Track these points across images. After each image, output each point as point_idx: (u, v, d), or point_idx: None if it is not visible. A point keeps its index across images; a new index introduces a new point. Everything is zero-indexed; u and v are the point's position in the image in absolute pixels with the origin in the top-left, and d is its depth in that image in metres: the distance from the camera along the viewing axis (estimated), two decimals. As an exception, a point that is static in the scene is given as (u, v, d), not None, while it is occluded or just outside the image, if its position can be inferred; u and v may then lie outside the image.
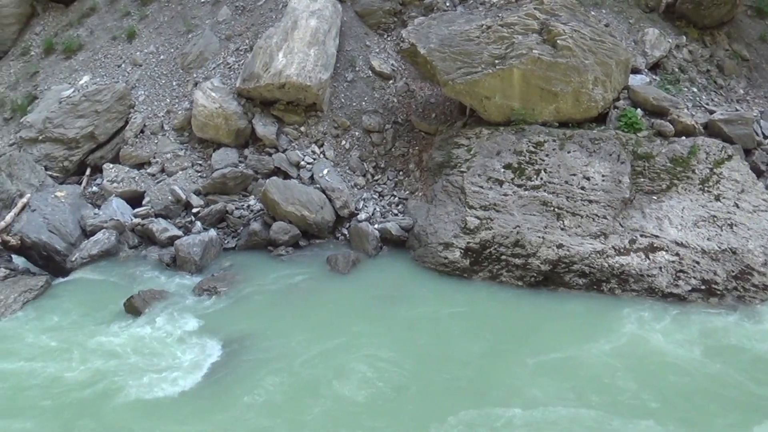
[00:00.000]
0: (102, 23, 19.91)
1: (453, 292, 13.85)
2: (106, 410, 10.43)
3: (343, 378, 11.10)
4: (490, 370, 11.34)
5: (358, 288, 14.05)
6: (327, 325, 12.74)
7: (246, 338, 12.24)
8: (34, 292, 13.71)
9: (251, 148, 16.93)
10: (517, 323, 12.87)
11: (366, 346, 11.99)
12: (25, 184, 15.95)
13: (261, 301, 13.59)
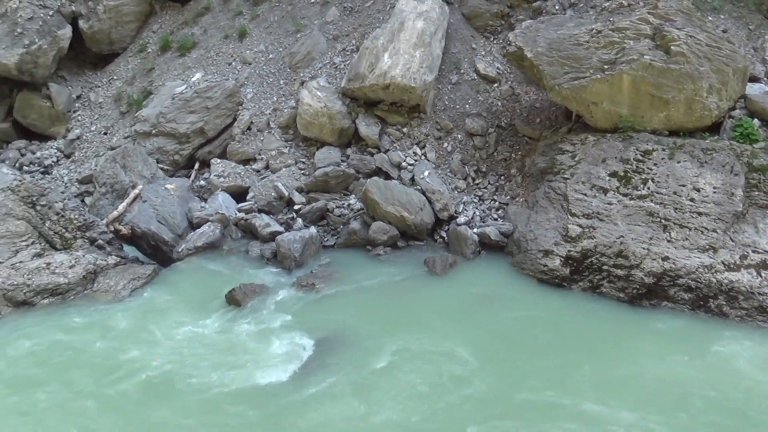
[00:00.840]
0: (215, 22, 20.51)
1: (550, 301, 13.60)
2: (202, 397, 10.76)
3: (426, 376, 11.15)
4: (568, 382, 11.08)
5: (454, 291, 13.98)
6: (420, 325, 12.73)
7: (341, 334, 12.38)
8: (141, 280, 14.24)
9: (354, 148, 17.09)
10: (610, 337, 12.49)
11: (454, 347, 11.98)
12: (138, 175, 16.58)
13: (357, 299, 13.71)
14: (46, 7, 20.02)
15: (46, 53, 19.52)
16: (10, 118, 20.27)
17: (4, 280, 13.20)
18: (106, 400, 10.71)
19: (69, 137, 19.63)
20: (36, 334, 12.34)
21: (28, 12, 19.69)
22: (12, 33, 19.39)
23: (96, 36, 20.79)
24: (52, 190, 15.99)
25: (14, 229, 14.14)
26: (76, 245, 14.63)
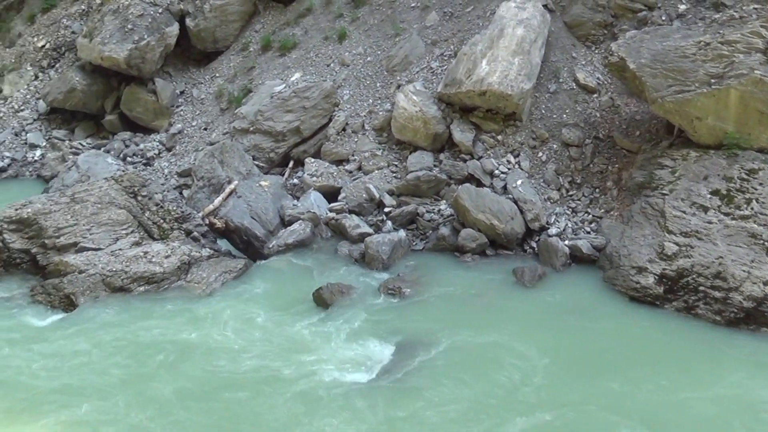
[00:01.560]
0: (316, 23, 20.81)
1: (640, 319, 13.20)
2: (285, 391, 10.91)
3: (508, 387, 11.05)
4: (646, 405, 10.72)
5: (542, 303, 13.75)
6: (506, 335, 12.56)
7: (424, 339, 12.34)
8: (233, 274, 14.54)
9: (447, 153, 17.03)
10: (703, 361, 12.02)
11: (537, 359, 11.79)
12: (234, 171, 16.96)
13: (443, 305, 13.64)
14: (156, 5, 20.76)
15: (154, 49, 20.23)
16: (117, 111, 21.09)
17: (104, 266, 13.70)
18: (190, 389, 10.99)
19: (171, 131, 20.27)
20: (130, 320, 12.76)
21: (138, 9, 20.46)
22: (123, 29, 20.18)
23: (201, 34, 21.41)
24: (153, 181, 16.52)
25: (116, 218, 14.68)
26: (172, 236, 15.06)
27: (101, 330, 12.45)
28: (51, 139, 21.02)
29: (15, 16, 24.11)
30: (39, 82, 22.40)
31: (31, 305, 13.40)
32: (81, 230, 14.34)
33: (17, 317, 13.00)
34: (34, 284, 13.89)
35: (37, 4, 23.88)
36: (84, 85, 20.86)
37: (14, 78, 22.58)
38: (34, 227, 14.20)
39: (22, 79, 22.52)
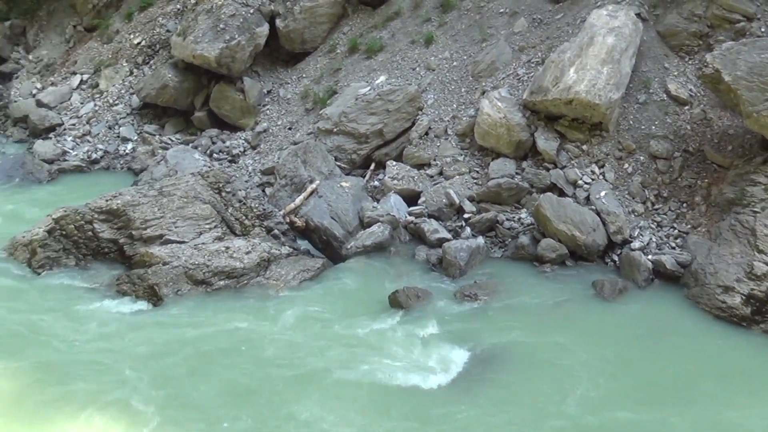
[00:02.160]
0: (404, 27, 20.87)
1: (724, 340, 12.75)
2: (356, 394, 10.98)
3: (585, 404, 10.82)
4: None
5: (621, 318, 13.43)
6: (584, 349, 12.30)
7: (501, 347, 12.24)
8: (311, 273, 14.70)
9: (529, 161, 16.83)
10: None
11: (615, 376, 11.56)
12: (316, 171, 17.15)
13: (520, 314, 13.48)
14: (248, 5, 21.18)
15: (244, 49, 20.65)
16: (205, 108, 21.60)
17: (187, 259, 14.03)
18: (261, 385, 11.15)
19: (257, 129, 20.65)
20: (210, 313, 13.05)
21: (231, 9, 20.92)
22: (215, 28, 20.66)
23: (290, 35, 21.74)
24: (237, 178, 16.85)
25: (200, 212, 15.04)
26: (253, 233, 15.33)
27: (183, 321, 12.76)
28: (142, 133, 21.69)
29: (114, 14, 25.00)
30: (133, 77, 23.13)
31: (116, 294, 13.84)
32: (167, 223, 14.74)
33: (104, 304, 13.44)
34: (120, 273, 14.34)
35: (135, 3, 24.69)
36: (176, 82, 21.44)
37: (110, 73, 23.38)
38: (122, 218, 14.68)
39: (117, 74, 23.30)
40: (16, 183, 19.37)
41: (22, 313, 12.80)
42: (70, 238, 14.60)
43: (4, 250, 14.80)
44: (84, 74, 23.91)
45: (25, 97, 23.72)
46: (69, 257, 14.60)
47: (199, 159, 19.45)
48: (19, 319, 12.59)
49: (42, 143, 21.37)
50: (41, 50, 25.56)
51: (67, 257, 14.60)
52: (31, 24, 26.24)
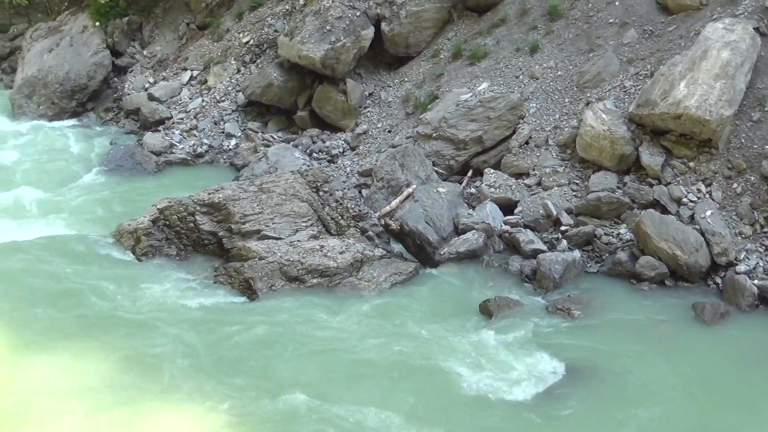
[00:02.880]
0: (509, 34, 20.68)
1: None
2: (443, 400, 10.95)
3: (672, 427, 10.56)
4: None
5: (723, 343, 12.90)
6: (681, 373, 11.90)
7: (593, 363, 11.97)
8: (402, 276, 14.73)
9: (632, 176, 16.39)
10: None
11: (712, 404, 11.18)
12: (413, 175, 17.16)
13: (614, 332, 13.13)
14: (355, 8, 21.42)
15: (348, 51, 20.89)
16: (308, 108, 21.96)
17: (283, 255, 14.29)
18: (354, 382, 11.27)
19: (357, 131, 20.85)
20: (303, 311, 13.26)
21: (338, 11, 21.20)
22: (322, 29, 20.98)
23: (395, 39, 21.86)
24: (335, 178, 17.05)
25: (297, 210, 15.29)
26: (348, 233, 15.48)
27: (277, 315, 13.02)
28: (246, 130, 22.22)
29: (225, 13, 25.73)
30: (240, 75, 23.73)
31: (213, 285, 14.25)
32: (265, 219, 15.06)
33: (201, 294, 13.86)
34: (218, 266, 14.75)
35: (246, 3, 25.35)
36: (281, 81, 21.87)
37: (219, 70, 24.06)
38: (223, 212, 15.07)
39: (225, 71, 23.95)
40: (126, 173, 20.17)
41: (123, 299, 13.31)
42: (173, 229, 15.09)
43: (112, 236, 15.43)
44: (194, 71, 24.71)
45: (138, 90, 24.70)
46: (171, 247, 15.10)
47: (299, 157, 19.79)
48: (119, 305, 13.10)
49: (151, 135, 22.19)
50: (155, 46, 26.56)
51: (169, 246, 15.10)
52: (147, 21, 27.31)
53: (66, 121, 24.08)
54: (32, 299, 13.00)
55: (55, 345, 11.78)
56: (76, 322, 12.42)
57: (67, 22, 27.19)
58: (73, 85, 24.87)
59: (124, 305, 13.05)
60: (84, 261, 14.46)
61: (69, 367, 11.27)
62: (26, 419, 10.14)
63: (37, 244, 15.11)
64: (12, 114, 24.28)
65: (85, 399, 10.53)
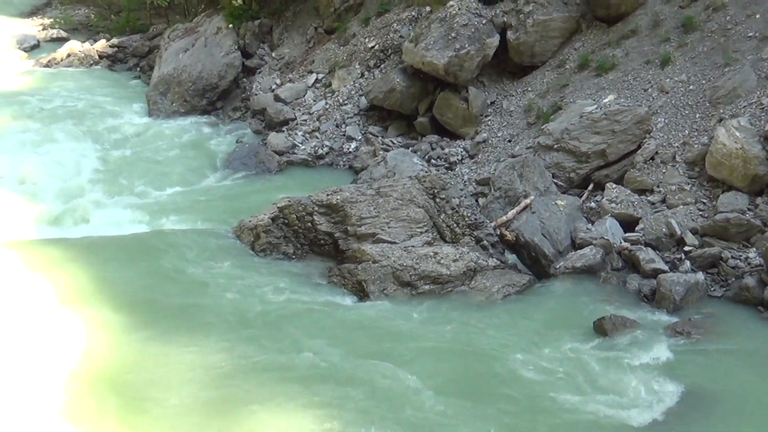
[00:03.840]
0: (639, 46, 20.07)
1: None
2: (550, 416, 10.72)
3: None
4: None
5: None
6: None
7: (712, 391, 11.45)
8: (516, 288, 14.54)
9: (765, 198, 15.58)
10: None
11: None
12: (532, 186, 16.91)
13: (736, 360, 12.49)
14: (481, 15, 21.34)
15: (472, 58, 20.81)
16: (428, 114, 22.02)
17: (396, 260, 14.38)
18: (469, 389, 11.23)
19: (476, 139, 20.75)
20: (414, 316, 13.32)
21: (464, 19, 21.17)
22: (447, 37, 21.00)
23: (520, 47, 21.63)
24: (452, 185, 17.01)
25: (413, 215, 15.34)
26: (463, 241, 15.41)
27: (390, 319, 13.13)
28: (366, 133, 22.50)
29: (352, 18, 26.16)
30: (364, 80, 24.05)
31: (327, 285, 14.50)
32: (381, 223, 15.18)
33: (314, 293, 14.11)
34: (332, 266, 14.99)
35: (373, 8, 25.68)
36: (403, 86, 22.02)
37: (343, 74, 24.48)
38: (340, 213, 15.30)
39: (349, 75, 24.34)
40: (249, 170, 20.80)
41: (239, 293, 13.70)
42: (291, 227, 15.44)
43: (233, 232, 15.94)
44: (319, 74, 25.24)
45: (265, 91, 25.44)
46: (288, 245, 15.45)
47: (418, 163, 19.86)
48: (235, 299, 13.50)
49: (275, 136, 22.80)
50: (284, 48, 27.30)
51: (287, 244, 15.45)
52: (278, 24, 28.10)
53: (196, 118, 25.06)
54: (153, 288, 13.60)
55: (170, 333, 12.22)
56: (192, 313, 12.88)
57: (202, 23, 28.34)
58: (205, 84, 25.87)
59: (239, 299, 13.44)
60: (205, 255, 14.99)
61: (182, 355, 11.67)
62: (142, 407, 10.55)
63: (163, 236, 15.82)
64: (147, 109, 25.48)
65: (194, 391, 10.86)
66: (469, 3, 21.64)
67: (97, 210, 17.93)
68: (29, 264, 13.95)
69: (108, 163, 20.75)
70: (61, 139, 21.89)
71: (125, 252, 14.96)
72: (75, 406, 10.41)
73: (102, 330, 12.09)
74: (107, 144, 22.20)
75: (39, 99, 25.12)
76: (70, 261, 14.20)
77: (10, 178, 19.31)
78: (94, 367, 11.19)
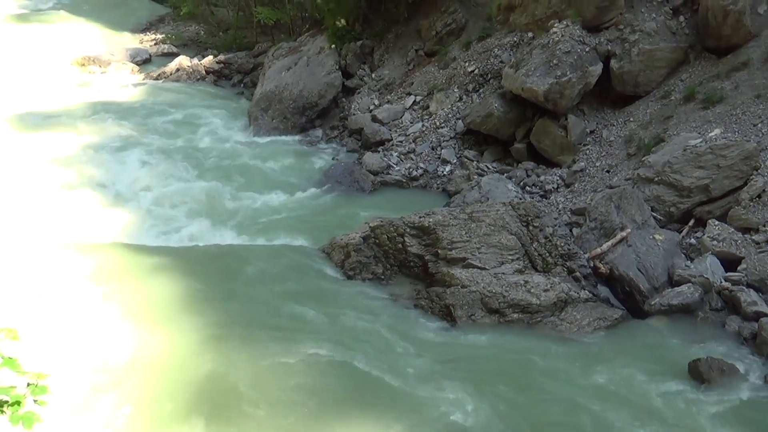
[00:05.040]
0: (750, 79, 19.34)
1: None
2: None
3: None
4: None
5: None
6: None
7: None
8: (607, 322, 14.14)
9: None
10: None
11: None
12: (629, 219, 16.46)
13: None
14: (585, 43, 21.00)
15: (573, 86, 20.49)
16: (525, 140, 21.77)
17: (485, 286, 14.22)
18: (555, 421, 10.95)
19: (573, 168, 20.36)
20: (503, 344, 13.13)
21: (567, 46, 20.88)
22: (548, 63, 20.76)
23: (624, 76, 21.17)
24: (547, 214, 16.76)
25: (505, 242, 15.15)
26: (554, 271, 15.11)
27: (475, 346, 12.99)
28: (461, 157, 22.41)
29: (453, 42, 26.19)
30: (462, 103, 24.01)
31: (413, 307, 14.46)
32: (471, 248, 15.06)
33: (401, 314, 14.11)
34: (420, 289, 14.94)
35: (475, 33, 25.66)
36: (501, 112, 21.87)
37: (441, 97, 24.49)
38: (431, 236, 15.26)
39: (447, 99, 24.34)
40: (343, 189, 21.02)
41: (326, 309, 13.81)
42: (382, 248, 15.49)
43: (323, 250, 16.11)
44: (417, 96, 25.33)
45: (363, 111, 25.71)
46: (377, 265, 15.50)
47: (512, 189, 19.64)
48: (323, 315, 13.60)
49: (371, 155, 22.98)
50: (384, 70, 27.55)
51: (376, 264, 15.50)
52: (379, 45, 28.40)
53: (294, 136, 25.53)
54: (242, 301, 13.87)
55: (259, 346, 12.42)
56: (281, 328, 13.05)
57: (306, 43, 28.92)
58: (305, 103, 26.34)
59: (328, 317, 13.54)
60: (295, 271, 15.21)
61: (271, 368, 11.82)
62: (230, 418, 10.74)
63: (255, 250, 16.14)
64: (248, 125, 26.12)
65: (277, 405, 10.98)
66: (573, 30, 21.34)
67: (193, 220, 18.45)
68: (125, 268, 14.48)
69: (206, 175, 21.35)
70: (164, 150, 22.70)
71: (217, 263, 15.33)
72: (164, 413, 10.67)
73: (192, 340, 12.37)
74: (207, 156, 22.87)
75: (147, 111, 26.15)
76: (167, 269, 14.64)
77: (119, 185, 20.12)
78: (183, 378, 11.44)
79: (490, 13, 25.80)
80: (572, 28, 21.42)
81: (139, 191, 19.91)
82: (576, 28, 21.45)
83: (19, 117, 24.51)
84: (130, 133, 23.77)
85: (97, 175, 20.31)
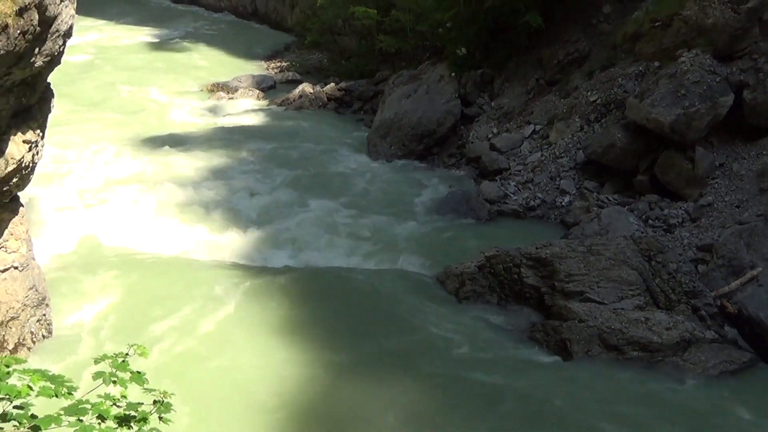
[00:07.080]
0: None
1: None
2: None
3: None
4: None
5: None
6: None
7: None
8: (734, 365, 13.40)
9: None
10: None
11: None
12: (761, 257, 15.64)
13: None
14: (715, 73, 20.20)
15: (702, 117, 19.70)
16: (649, 172, 21.05)
17: (604, 321, 13.78)
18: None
19: (700, 202, 19.52)
20: (622, 384, 12.66)
21: (696, 75, 20.13)
22: (675, 93, 20.07)
23: (757, 108, 20.19)
24: (670, 249, 16.13)
25: (625, 277, 14.66)
26: (678, 309, 14.50)
27: (592, 384, 12.58)
28: (581, 188, 21.90)
29: (575, 71, 25.78)
30: (583, 133, 23.53)
31: (527, 339, 14.17)
32: (590, 281, 14.65)
33: (514, 347, 13.85)
34: (535, 321, 14.63)
35: (598, 62, 25.18)
36: (624, 143, 21.28)
37: (562, 127, 24.10)
38: (548, 268, 14.95)
39: (568, 128, 23.92)
40: (459, 217, 20.92)
41: (442, 340, 13.74)
42: (497, 277, 15.30)
43: (437, 277, 16.06)
44: (537, 125, 25.02)
45: (481, 139, 25.61)
46: (492, 295, 15.31)
47: (633, 223, 19.00)
48: (439, 345, 13.55)
49: (488, 184, 22.79)
50: (503, 98, 27.39)
51: (491, 294, 15.32)
52: (499, 74, 28.29)
53: (412, 163, 25.67)
54: (353, 326, 13.99)
55: (373, 372, 12.50)
56: (397, 354, 13.09)
57: (426, 71, 29.13)
58: (423, 130, 26.47)
59: (441, 346, 13.47)
60: (409, 297, 15.21)
61: (385, 395, 11.85)
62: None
63: (369, 275, 16.25)
64: (367, 151, 26.48)
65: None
66: (703, 59, 20.57)
67: (309, 242, 18.76)
68: (245, 289, 14.90)
69: (324, 199, 21.73)
70: (285, 174, 23.30)
71: (332, 287, 15.55)
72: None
73: (307, 362, 12.56)
74: (326, 181, 23.29)
75: (270, 136, 26.96)
76: (285, 290, 14.98)
77: (240, 206, 20.78)
78: (299, 401, 11.62)
79: (614, 42, 25.24)
80: (702, 57, 20.65)
81: (259, 213, 20.45)
82: (706, 57, 20.67)
83: (151, 139, 25.77)
84: (253, 158, 24.55)
85: (219, 197, 21.03)
